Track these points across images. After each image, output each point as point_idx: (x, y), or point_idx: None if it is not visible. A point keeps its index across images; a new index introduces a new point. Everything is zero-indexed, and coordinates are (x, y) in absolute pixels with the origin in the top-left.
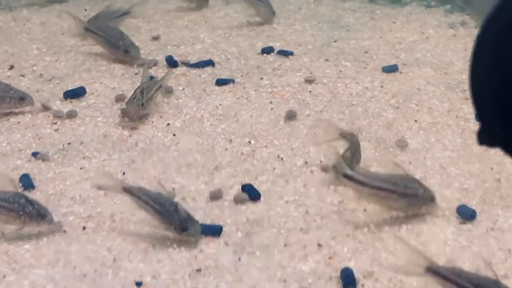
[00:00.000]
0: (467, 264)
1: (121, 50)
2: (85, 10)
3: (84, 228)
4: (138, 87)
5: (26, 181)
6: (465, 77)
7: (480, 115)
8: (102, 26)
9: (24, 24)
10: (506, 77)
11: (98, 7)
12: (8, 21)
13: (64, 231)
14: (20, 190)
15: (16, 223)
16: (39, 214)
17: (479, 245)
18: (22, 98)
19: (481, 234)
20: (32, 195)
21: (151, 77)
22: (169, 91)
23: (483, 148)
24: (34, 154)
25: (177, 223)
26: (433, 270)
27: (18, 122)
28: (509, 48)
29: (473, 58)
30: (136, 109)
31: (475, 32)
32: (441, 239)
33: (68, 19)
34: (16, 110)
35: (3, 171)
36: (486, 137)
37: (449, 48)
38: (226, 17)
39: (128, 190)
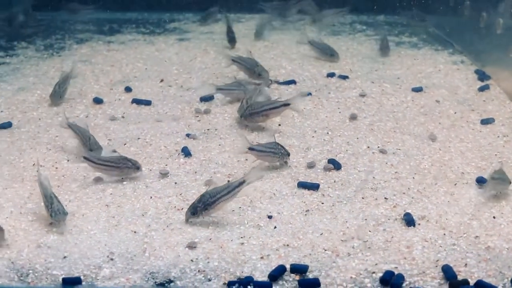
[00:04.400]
0: (486, 214)
1: (256, 74)
2: (250, 52)
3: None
4: (243, 98)
5: (186, 151)
6: (469, 96)
7: None
8: (243, 57)
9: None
10: None
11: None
12: (153, 51)
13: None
14: (181, 157)
15: (273, 161)
16: (287, 153)
17: (493, 202)
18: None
19: (494, 195)
20: (190, 160)
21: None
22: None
23: (489, 141)
24: (187, 135)
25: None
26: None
27: (173, 115)
28: None
29: None
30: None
31: (471, 67)
32: (467, 197)
33: (193, 50)
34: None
35: (169, 144)
36: None
37: (455, 77)
38: (298, 53)
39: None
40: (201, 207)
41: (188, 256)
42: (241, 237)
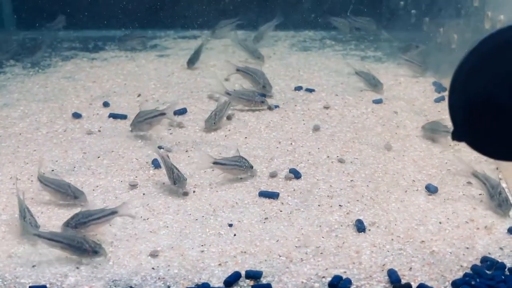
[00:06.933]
0: (433, 219)
1: (261, 85)
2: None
3: (194, 191)
4: (213, 110)
5: (156, 163)
6: (426, 107)
7: (453, 121)
8: (250, 67)
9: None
10: (469, 99)
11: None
12: (133, 67)
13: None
14: (151, 169)
15: (238, 174)
16: (250, 165)
17: (440, 208)
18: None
19: (441, 201)
20: (159, 172)
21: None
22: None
23: (440, 150)
24: (159, 147)
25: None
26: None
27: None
28: (472, 82)
29: (450, 86)
30: (210, 125)
31: (430, 80)
32: (416, 204)
33: (171, 66)
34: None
35: (140, 156)
36: (456, 136)
37: (414, 89)
38: (270, 68)
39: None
40: (72, 225)
41: (150, 264)
42: (202, 245)
